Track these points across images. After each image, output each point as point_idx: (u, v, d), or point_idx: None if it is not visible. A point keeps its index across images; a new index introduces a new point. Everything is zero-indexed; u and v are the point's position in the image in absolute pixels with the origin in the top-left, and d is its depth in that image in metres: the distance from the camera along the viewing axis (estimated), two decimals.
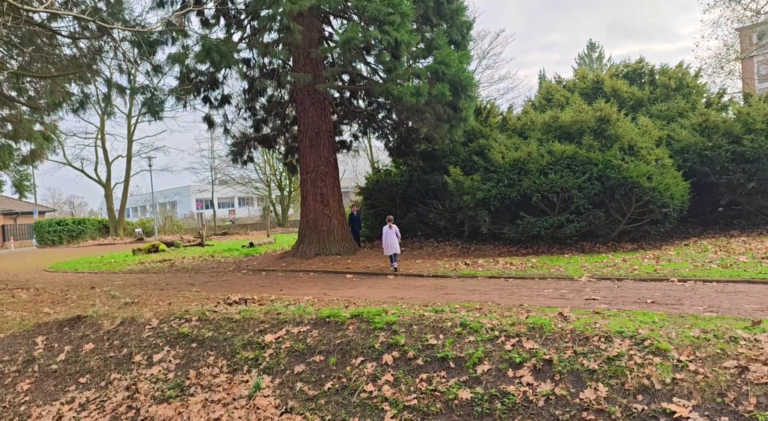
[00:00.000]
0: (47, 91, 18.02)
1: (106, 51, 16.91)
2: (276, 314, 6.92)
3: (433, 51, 12.23)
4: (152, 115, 16.52)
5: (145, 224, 45.15)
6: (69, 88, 18.15)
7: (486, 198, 12.26)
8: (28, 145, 22.39)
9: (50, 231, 41.04)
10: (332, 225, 13.80)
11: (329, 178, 14.05)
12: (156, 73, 16.34)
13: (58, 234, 40.96)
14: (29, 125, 20.62)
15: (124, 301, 8.85)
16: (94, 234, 42.59)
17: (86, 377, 6.66)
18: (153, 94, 15.89)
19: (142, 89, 16.10)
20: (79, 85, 16.95)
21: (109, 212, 44.46)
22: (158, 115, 16.37)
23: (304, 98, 14.05)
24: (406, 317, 5.83)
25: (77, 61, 16.69)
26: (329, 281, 10.79)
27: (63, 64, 17.05)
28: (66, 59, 17.00)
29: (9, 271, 20.02)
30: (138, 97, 16.52)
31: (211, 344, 6.65)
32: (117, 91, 16.81)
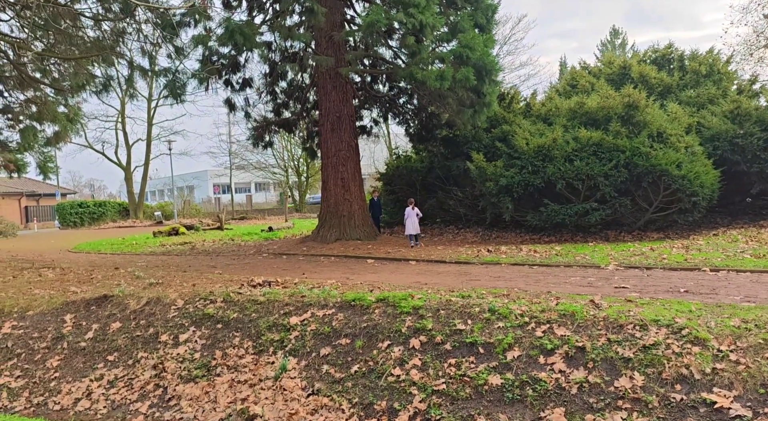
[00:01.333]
0: (71, 73, 18.17)
1: (129, 33, 16.97)
2: (300, 296, 6.92)
3: (457, 34, 12.03)
4: (174, 97, 16.56)
5: (164, 208, 45.63)
6: (92, 70, 18.29)
7: (509, 185, 12.10)
8: (52, 127, 22.66)
9: (72, 213, 41.68)
10: (353, 210, 13.77)
11: (350, 163, 13.99)
12: (178, 55, 16.35)
13: (80, 216, 41.61)
14: (53, 107, 20.85)
15: (149, 281, 8.93)
16: (114, 217, 43.22)
17: (114, 355, 6.74)
18: (175, 76, 15.92)
19: (164, 72, 16.14)
20: (103, 67, 17.05)
21: (129, 195, 45.04)
22: (180, 98, 16.41)
23: (326, 82, 13.96)
24: (432, 302, 5.78)
25: (100, 43, 16.77)
26: (351, 265, 10.78)
27: (86, 46, 17.15)
28: (89, 41, 17.10)
29: (34, 251, 20.40)
30: (160, 79, 16.57)
31: (237, 325, 6.68)
32: (139, 73, 16.87)
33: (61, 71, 19.70)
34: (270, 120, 18.05)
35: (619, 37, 58.49)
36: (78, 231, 36.36)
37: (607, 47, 57.94)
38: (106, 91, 18.49)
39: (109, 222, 41.84)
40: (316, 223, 27.90)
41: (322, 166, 14.37)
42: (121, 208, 44.60)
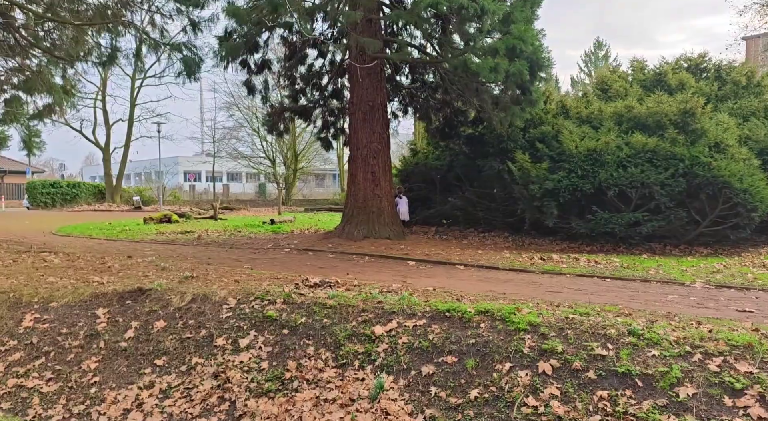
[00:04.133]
0: (71, 41, 16.92)
1: (139, 2, 15.84)
2: (377, 302, 6.16)
3: (510, 25, 11.33)
4: (188, 75, 15.52)
5: (141, 193, 43.95)
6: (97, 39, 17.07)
7: (556, 189, 11.49)
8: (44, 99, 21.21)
9: (44, 193, 39.63)
10: (383, 207, 12.99)
11: (381, 156, 13.20)
12: (194, 30, 15.33)
13: (52, 196, 39.67)
14: (47, 77, 19.46)
15: (183, 275, 8.03)
16: (89, 199, 41.36)
17: (163, 360, 5.88)
18: (193, 51, 14.89)
19: (180, 46, 15.08)
20: (112, 36, 15.88)
21: (106, 177, 43.11)
22: (194, 76, 15.39)
23: (359, 69, 13.11)
24: (549, 318, 5.08)
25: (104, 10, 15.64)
26: (393, 266, 10.03)
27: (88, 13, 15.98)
28: (92, 8, 15.94)
29: (13, 232, 19.02)
30: (175, 54, 15.49)
31: (307, 331, 5.88)
32: (149, 46, 15.76)
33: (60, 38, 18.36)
34: (286, 106, 17.13)
35: (603, 49, 59.03)
36: (50, 213, 34.56)
37: (591, 58, 58.53)
38: (111, 63, 17.33)
39: (83, 204, 39.97)
40: (316, 218, 27.19)
41: (351, 159, 13.56)
42: (96, 190, 42.69)
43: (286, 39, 16.30)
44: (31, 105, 22.61)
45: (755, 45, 29.36)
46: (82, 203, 40.33)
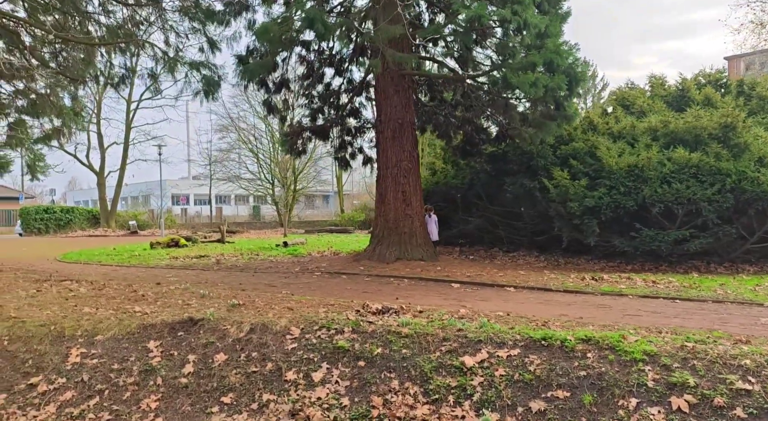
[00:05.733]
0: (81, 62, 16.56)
1: (152, 22, 15.56)
2: (457, 330, 5.73)
3: (545, 39, 11.13)
4: (207, 94, 15.21)
5: (137, 217, 43.28)
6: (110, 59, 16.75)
7: (597, 206, 11.17)
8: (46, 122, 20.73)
9: (37, 219, 38.82)
10: (414, 227, 12.59)
11: (412, 175, 12.85)
12: (212, 48, 15.06)
13: (45, 222, 38.87)
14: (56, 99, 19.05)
15: (229, 303, 7.56)
16: (83, 224, 40.58)
17: (230, 397, 5.40)
18: (213, 70, 14.59)
19: (199, 65, 14.78)
20: (125, 57, 15.56)
21: (101, 201, 42.47)
22: (213, 96, 15.09)
23: (388, 85, 12.86)
24: (665, 347, 4.68)
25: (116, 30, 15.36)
26: (438, 289, 9.60)
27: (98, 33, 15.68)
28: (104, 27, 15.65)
29: (17, 259, 18.39)
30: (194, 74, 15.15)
31: (386, 363, 5.43)
32: (168, 66, 15.45)
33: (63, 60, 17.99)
34: (304, 126, 16.83)
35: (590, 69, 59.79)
36: (45, 239, 33.75)
37: None
38: (123, 84, 17.01)
39: (77, 230, 39.18)
40: (325, 240, 26.68)
41: (380, 178, 13.19)
42: (90, 215, 41.94)
43: (304, 58, 16.09)
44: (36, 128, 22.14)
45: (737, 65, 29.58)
46: (76, 229, 39.54)
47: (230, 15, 12.81)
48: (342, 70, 16.57)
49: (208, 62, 14.59)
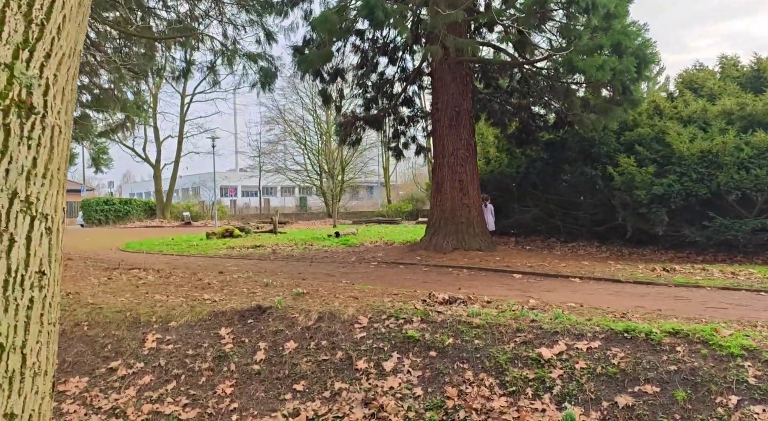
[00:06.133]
0: (144, 56, 17.05)
1: (211, 15, 15.81)
2: (530, 321, 5.56)
3: (612, 20, 10.64)
4: (264, 86, 15.40)
5: (191, 208, 44.53)
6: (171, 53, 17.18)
7: (666, 194, 10.66)
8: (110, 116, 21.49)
9: (97, 210, 40.51)
10: (472, 216, 12.38)
11: (469, 163, 12.62)
12: (268, 40, 15.19)
13: (105, 214, 40.52)
14: (120, 93, 19.72)
15: (294, 291, 7.62)
16: (140, 216, 42.13)
17: (302, 384, 5.42)
18: (270, 61, 14.74)
19: (256, 56, 14.95)
20: (186, 50, 15.89)
21: (156, 193, 43.92)
22: (270, 87, 15.25)
23: (445, 73, 12.64)
24: (764, 341, 4.38)
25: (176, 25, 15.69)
26: (499, 280, 9.40)
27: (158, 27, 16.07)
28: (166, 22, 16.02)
29: (83, 249, 19.18)
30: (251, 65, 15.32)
31: (458, 354, 5.32)
32: (226, 58, 15.70)
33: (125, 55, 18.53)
34: (357, 116, 16.81)
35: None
36: (105, 229, 35.14)
37: None
38: (184, 78, 17.40)
39: (135, 221, 40.68)
40: (375, 230, 26.72)
41: (436, 167, 13.03)
42: (146, 207, 43.50)
43: (358, 47, 16.04)
44: (100, 122, 23.03)
45: None
46: (134, 220, 41.09)
47: (288, 6, 12.88)
48: (395, 59, 16.44)
49: (265, 54, 14.76)
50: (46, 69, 1.60)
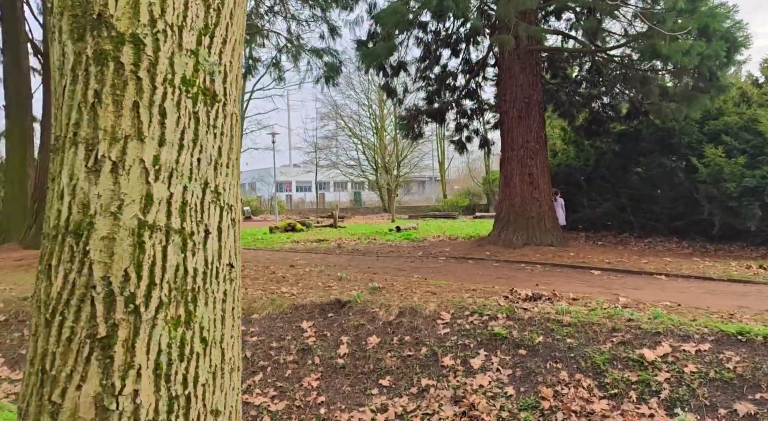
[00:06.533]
0: None
1: (276, 12, 15.98)
2: (627, 320, 5.27)
3: (697, 2, 10.00)
4: (327, 81, 15.47)
5: (250, 203, 45.57)
6: None
7: (759, 186, 9.95)
8: None
9: None
10: (542, 211, 12.00)
11: (539, 156, 12.23)
12: (332, 35, 15.23)
13: None
14: None
15: (370, 286, 7.57)
16: None
17: (387, 380, 5.36)
18: (334, 56, 14.76)
19: (321, 51, 15.01)
20: (250, 47, 16.13)
21: None
22: (334, 81, 15.28)
23: (513, 63, 12.27)
24: None
25: None
26: (577, 276, 9.04)
27: None
28: None
29: None
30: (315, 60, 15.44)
31: (549, 353, 5.11)
32: (290, 55, 15.84)
33: None
34: (420, 109, 16.64)
35: None
36: None
37: None
38: (250, 75, 17.68)
39: None
40: (436, 224, 26.50)
41: (504, 160, 12.71)
42: None
43: (420, 39, 15.86)
44: None
45: None
46: None
47: (353, 0, 12.88)
48: (458, 51, 16.16)
49: (330, 49, 14.83)
50: (224, 55, 1.56)
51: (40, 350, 1.42)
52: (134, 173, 1.43)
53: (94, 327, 1.38)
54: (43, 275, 1.46)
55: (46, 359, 1.40)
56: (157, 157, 1.45)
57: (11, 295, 8.00)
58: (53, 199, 1.47)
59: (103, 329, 1.38)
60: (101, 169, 1.42)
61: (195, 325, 1.46)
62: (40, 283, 1.45)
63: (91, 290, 1.39)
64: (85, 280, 1.39)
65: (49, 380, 1.38)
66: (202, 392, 1.45)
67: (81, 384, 1.36)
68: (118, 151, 1.42)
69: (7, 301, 7.48)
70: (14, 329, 6.95)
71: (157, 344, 1.40)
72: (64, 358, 1.38)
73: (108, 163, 1.42)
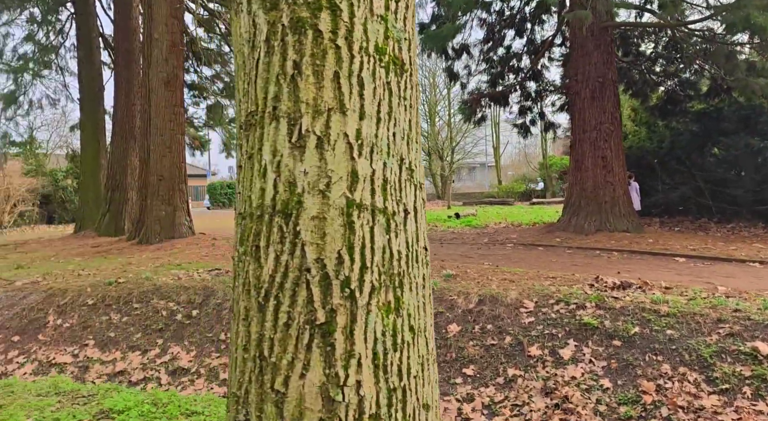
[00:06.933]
0: None
1: None
2: (732, 310, 4.91)
3: None
4: None
5: None
6: None
7: None
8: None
9: (222, 193, 43.02)
10: (616, 195, 11.46)
11: (614, 138, 11.67)
12: None
13: (228, 196, 43.00)
14: None
15: (444, 273, 7.43)
16: None
17: (471, 369, 5.21)
18: None
19: None
20: None
21: None
22: None
23: (586, 40, 11.69)
24: None
25: None
26: (660, 263, 8.57)
27: None
28: None
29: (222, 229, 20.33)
30: None
31: (648, 345, 4.82)
32: None
33: None
34: (483, 92, 16.23)
35: None
36: (229, 212, 37.29)
37: None
38: None
39: None
40: (494, 211, 26.01)
41: (575, 143, 12.20)
42: None
43: (484, 20, 15.41)
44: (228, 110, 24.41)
45: None
46: None
47: None
48: (523, 31, 15.62)
49: None
50: (407, 22, 1.46)
51: (255, 335, 1.36)
52: (339, 148, 1.34)
53: (312, 312, 1.31)
54: (249, 257, 1.39)
55: (264, 344, 1.34)
56: (359, 131, 1.36)
57: (96, 280, 8.35)
58: (253, 178, 1.40)
59: (321, 315, 1.31)
60: (306, 145, 1.34)
61: (403, 312, 1.37)
62: (245, 265, 1.39)
63: (305, 273, 1.32)
64: (299, 262, 1.32)
65: (270, 367, 1.32)
66: (414, 384, 1.36)
67: (304, 373, 1.29)
68: (322, 125, 1.34)
69: (94, 286, 7.80)
70: (102, 313, 7.23)
71: (373, 332, 1.32)
72: (284, 344, 1.31)
73: (313, 137, 1.34)
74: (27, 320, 7.20)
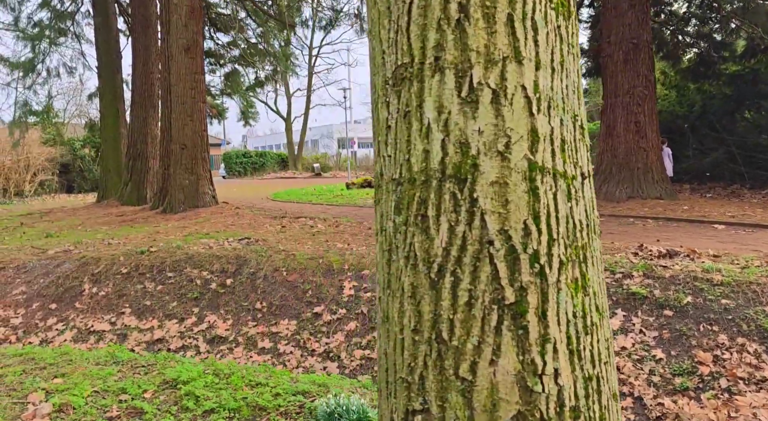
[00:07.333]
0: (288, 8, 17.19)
1: None
2: None
3: None
4: None
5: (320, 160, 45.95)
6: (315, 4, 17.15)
7: None
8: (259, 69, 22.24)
9: (237, 163, 43.05)
10: (650, 161, 11.16)
11: (647, 102, 11.28)
12: None
13: (243, 166, 43.00)
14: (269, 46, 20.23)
15: None
16: (274, 167, 44.28)
17: None
18: None
19: None
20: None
21: (288, 145, 45.75)
22: None
23: (620, 0, 11.21)
24: None
25: None
26: (698, 231, 8.35)
27: None
28: None
29: (239, 199, 20.30)
30: None
31: (701, 314, 4.68)
32: None
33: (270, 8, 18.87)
34: None
35: None
36: (244, 181, 37.17)
37: None
38: (331, 26, 17.28)
39: (270, 172, 42.85)
40: None
41: (606, 108, 11.82)
42: (279, 159, 45.65)
43: None
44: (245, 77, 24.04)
45: None
46: (269, 171, 43.40)
47: None
48: None
49: None
50: None
51: (428, 315, 1.23)
52: (517, 103, 1.19)
53: (498, 291, 1.17)
54: (413, 227, 1.25)
55: (441, 326, 1.21)
56: (536, 83, 1.21)
57: (126, 248, 8.34)
58: (412, 139, 1.25)
59: (510, 294, 1.17)
60: (479, 100, 1.19)
61: (590, 290, 1.23)
62: (406, 236, 1.25)
63: (487, 245, 1.18)
64: (478, 234, 1.18)
65: (451, 351, 1.20)
66: (606, 371, 1.24)
67: (494, 359, 1.17)
68: (496, 76, 1.18)
69: (127, 254, 7.80)
70: (136, 281, 7.24)
71: (564, 313, 1.19)
72: (466, 326, 1.18)
73: (487, 91, 1.18)
74: (63, 288, 7.23)
